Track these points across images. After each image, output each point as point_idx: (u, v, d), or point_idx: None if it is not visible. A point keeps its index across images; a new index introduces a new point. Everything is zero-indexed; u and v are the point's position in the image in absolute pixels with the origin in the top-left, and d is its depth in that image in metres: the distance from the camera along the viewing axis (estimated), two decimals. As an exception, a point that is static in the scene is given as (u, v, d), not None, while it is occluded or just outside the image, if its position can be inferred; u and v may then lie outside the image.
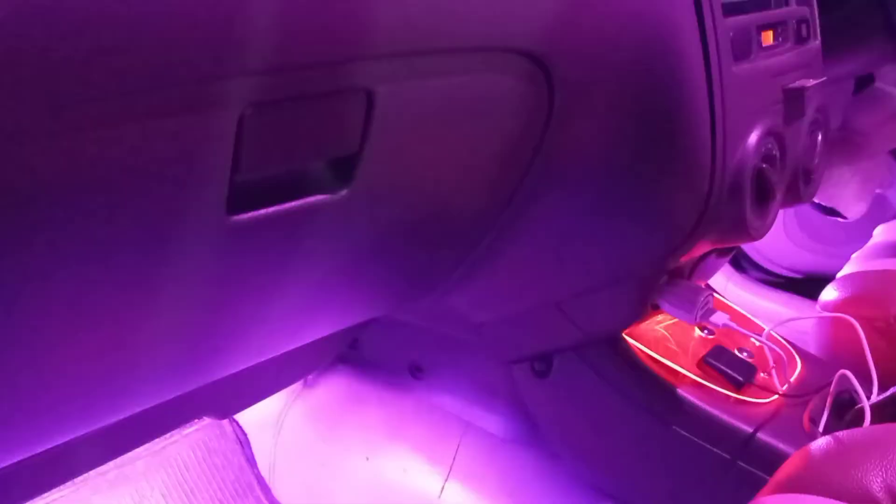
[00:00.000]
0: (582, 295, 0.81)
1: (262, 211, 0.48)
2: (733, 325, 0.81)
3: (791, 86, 0.75)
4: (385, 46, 0.47)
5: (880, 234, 1.28)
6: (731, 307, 1.00)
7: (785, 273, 1.75)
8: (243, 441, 1.13)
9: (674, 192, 0.71)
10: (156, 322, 0.51)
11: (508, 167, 0.66)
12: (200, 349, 0.59)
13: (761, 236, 0.74)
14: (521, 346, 0.89)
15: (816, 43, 0.87)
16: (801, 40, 0.83)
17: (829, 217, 1.50)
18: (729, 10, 0.72)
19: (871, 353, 0.85)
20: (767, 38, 0.77)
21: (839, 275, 1.12)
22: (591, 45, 0.61)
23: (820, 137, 0.86)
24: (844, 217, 1.39)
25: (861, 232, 1.44)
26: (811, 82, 0.76)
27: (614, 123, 0.68)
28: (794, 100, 0.75)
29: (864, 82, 1.34)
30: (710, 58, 0.67)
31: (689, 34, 0.66)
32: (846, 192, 1.33)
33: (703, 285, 0.81)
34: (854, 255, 1.19)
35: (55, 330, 0.45)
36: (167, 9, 0.36)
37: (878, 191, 1.44)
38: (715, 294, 1.02)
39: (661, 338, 0.89)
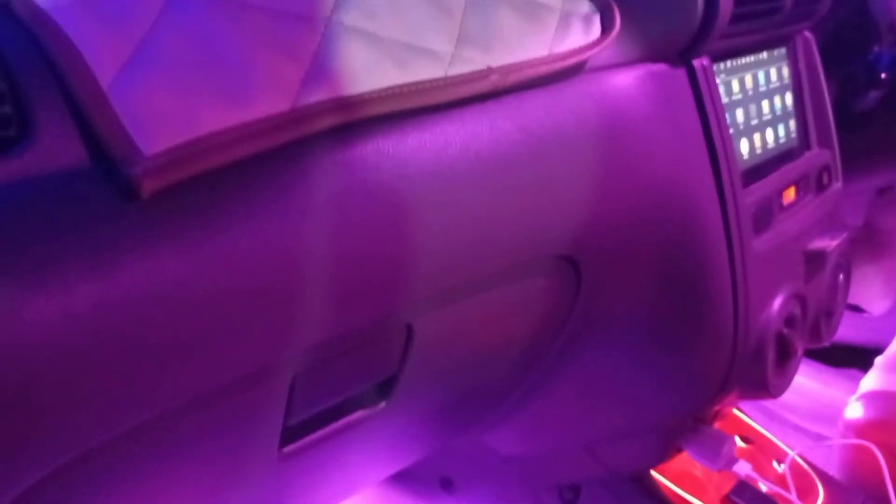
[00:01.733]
0: (610, 438, 0.83)
1: (309, 437, 0.51)
2: (755, 475, 0.83)
3: (813, 248, 0.77)
4: (428, 290, 0.50)
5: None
6: (754, 429, 1.02)
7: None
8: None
9: (699, 354, 0.74)
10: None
11: (539, 340, 0.69)
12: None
13: (781, 394, 0.77)
14: (549, 476, 0.92)
15: (838, 186, 0.89)
16: (822, 188, 0.85)
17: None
18: (750, 176, 0.75)
19: (893, 482, 0.86)
20: (789, 195, 0.80)
21: (864, 384, 1.13)
22: (618, 238, 0.65)
23: (842, 277, 0.88)
24: (870, 313, 1.40)
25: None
26: (832, 244, 0.78)
27: (640, 295, 0.71)
28: (815, 261, 0.77)
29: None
30: (732, 235, 0.69)
31: (710, 213, 0.69)
32: (871, 291, 1.34)
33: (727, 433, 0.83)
34: (879, 361, 1.20)
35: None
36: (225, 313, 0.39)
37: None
38: (736, 411, 1.04)
39: (685, 471, 0.91)
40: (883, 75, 1.01)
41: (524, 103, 0.57)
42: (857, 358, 1.36)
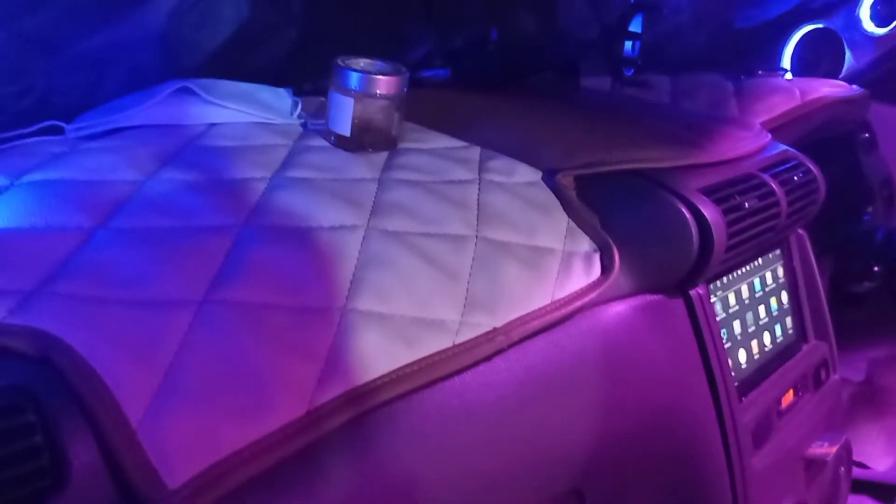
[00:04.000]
0: None
1: None
2: None
3: (813, 454, 0.79)
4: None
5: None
6: None
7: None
8: None
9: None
10: None
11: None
12: None
13: None
14: None
15: (835, 378, 0.91)
16: (820, 384, 0.87)
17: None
18: (749, 384, 0.77)
19: None
20: (788, 398, 0.82)
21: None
22: (621, 466, 0.66)
23: (843, 470, 0.89)
24: (874, 470, 1.40)
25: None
26: (833, 450, 0.80)
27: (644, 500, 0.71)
28: (817, 467, 0.79)
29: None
30: (731, 455, 0.71)
31: (710, 434, 0.71)
32: (875, 449, 1.34)
33: None
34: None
35: None
36: None
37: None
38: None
39: None
40: (876, 268, 1.04)
41: (528, 351, 0.59)
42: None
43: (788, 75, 1.30)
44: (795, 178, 0.81)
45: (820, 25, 1.43)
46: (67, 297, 0.42)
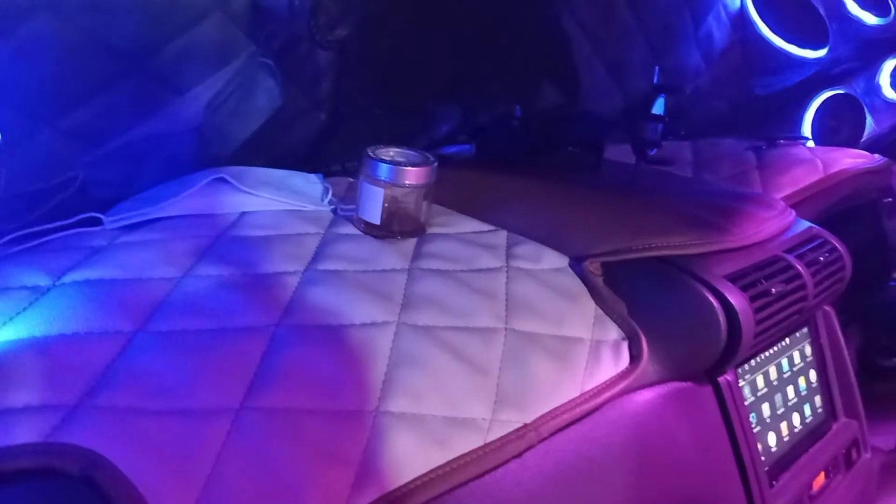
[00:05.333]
0: None
1: None
2: None
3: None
4: None
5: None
6: None
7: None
8: None
9: None
10: None
11: None
12: None
13: None
14: None
15: (866, 457, 0.89)
16: (851, 465, 0.86)
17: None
18: (780, 466, 0.76)
19: None
20: (819, 481, 0.80)
21: None
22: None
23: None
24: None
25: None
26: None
27: None
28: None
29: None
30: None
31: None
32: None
33: None
34: None
35: None
36: None
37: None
38: None
39: None
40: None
41: (557, 444, 0.59)
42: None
43: (810, 143, 1.31)
44: (821, 258, 0.81)
45: (840, 91, 1.45)
46: (108, 410, 0.43)
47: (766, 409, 0.78)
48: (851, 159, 1.12)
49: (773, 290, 0.71)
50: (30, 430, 0.40)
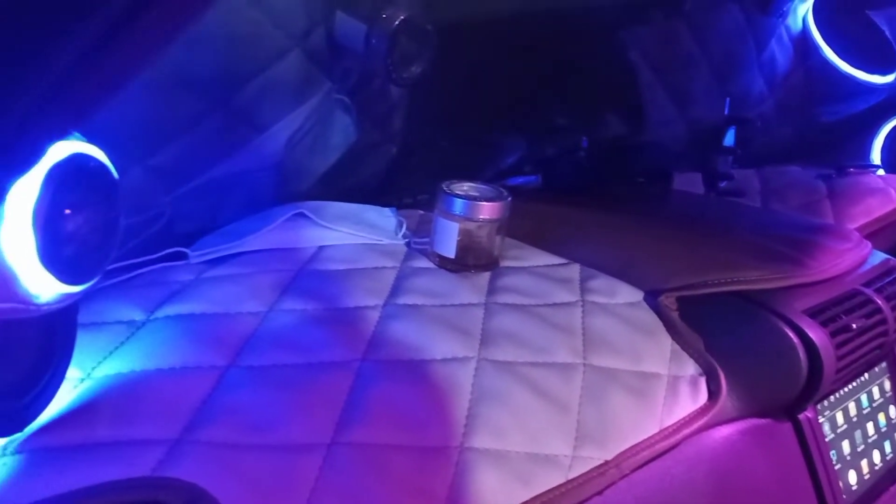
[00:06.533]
0: None
1: None
2: None
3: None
4: None
5: None
6: None
7: None
8: None
9: None
10: None
11: None
12: None
13: None
14: None
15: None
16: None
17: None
18: (861, 507, 0.75)
19: None
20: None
21: None
22: None
23: None
24: None
25: None
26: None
27: None
28: None
29: None
30: None
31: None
32: None
33: None
34: None
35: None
36: None
37: None
38: None
39: None
40: None
41: (637, 481, 0.59)
42: None
43: (881, 171, 1.28)
44: (900, 291, 0.79)
45: (910, 117, 1.42)
46: (207, 445, 0.44)
47: (846, 446, 0.76)
48: (926, 188, 1.09)
49: (854, 325, 0.70)
50: (137, 465, 0.42)
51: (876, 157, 1.40)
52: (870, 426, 0.80)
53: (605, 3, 0.99)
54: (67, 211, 0.33)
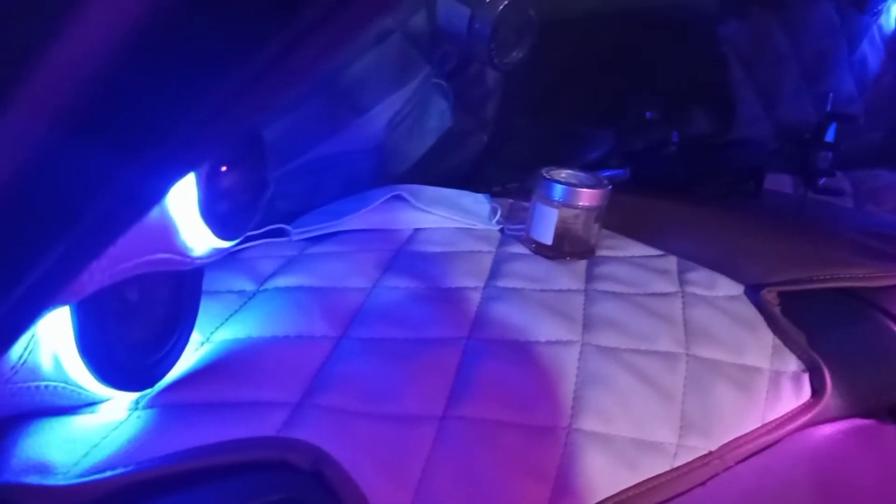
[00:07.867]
0: None
1: None
2: None
3: None
4: None
5: None
6: None
7: None
8: None
9: None
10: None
11: None
12: None
13: None
14: None
15: None
16: None
17: None
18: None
19: None
20: None
21: None
22: None
23: None
24: None
25: None
26: None
27: None
28: None
29: None
30: None
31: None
32: None
33: None
34: None
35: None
36: None
37: None
38: None
39: None
40: None
41: (740, 475, 0.58)
42: None
43: (977, 177, 1.23)
44: None
45: None
46: (326, 410, 0.45)
47: (949, 453, 0.73)
48: None
49: (964, 327, 0.67)
50: (263, 424, 0.43)
51: (971, 162, 1.35)
52: (973, 435, 0.77)
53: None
54: (224, 168, 0.34)
